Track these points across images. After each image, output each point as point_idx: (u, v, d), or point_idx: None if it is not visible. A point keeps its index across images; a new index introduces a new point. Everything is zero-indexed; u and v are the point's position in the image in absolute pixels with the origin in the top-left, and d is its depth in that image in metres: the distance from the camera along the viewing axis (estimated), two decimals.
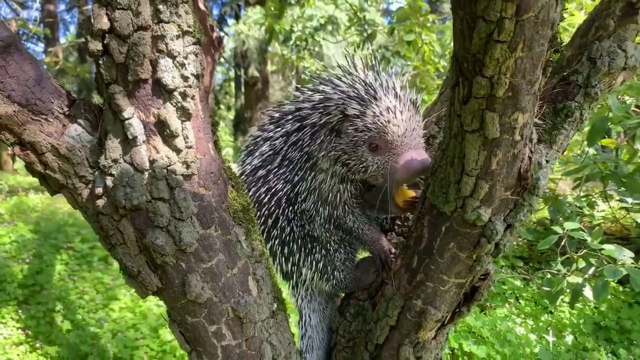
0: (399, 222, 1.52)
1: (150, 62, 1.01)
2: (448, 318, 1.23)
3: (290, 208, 1.40)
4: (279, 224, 1.41)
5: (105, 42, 1.00)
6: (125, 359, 3.36)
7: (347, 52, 1.41)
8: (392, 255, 1.37)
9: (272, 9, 5.17)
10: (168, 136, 1.04)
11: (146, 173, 1.04)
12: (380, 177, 1.30)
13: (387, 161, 1.25)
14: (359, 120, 1.25)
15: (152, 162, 1.04)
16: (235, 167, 1.49)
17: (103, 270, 4.68)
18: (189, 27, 1.04)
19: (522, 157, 0.99)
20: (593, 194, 4.41)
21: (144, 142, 1.04)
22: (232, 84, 22.07)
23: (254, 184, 1.42)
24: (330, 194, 1.36)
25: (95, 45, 1.01)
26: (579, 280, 2.84)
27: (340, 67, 1.38)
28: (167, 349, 3.47)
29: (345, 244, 1.45)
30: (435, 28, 5.34)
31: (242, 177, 1.45)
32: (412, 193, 1.35)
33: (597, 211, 3.73)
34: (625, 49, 1.04)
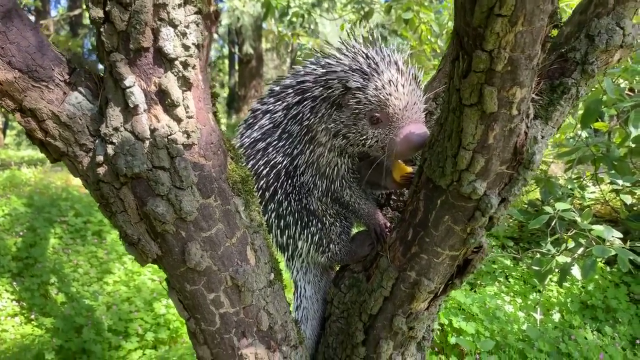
0: (394, 197, 1.54)
1: (152, 31, 1.01)
2: (441, 290, 1.26)
3: (289, 181, 1.41)
4: (277, 197, 1.42)
5: (106, 9, 1.00)
6: (120, 331, 3.40)
7: (345, 29, 1.41)
8: (387, 229, 1.40)
9: None
10: (169, 105, 1.05)
11: (147, 142, 1.05)
12: (379, 151, 1.32)
13: (387, 134, 1.27)
14: (360, 93, 1.26)
15: (152, 130, 1.05)
16: (233, 141, 1.50)
17: (97, 245, 4.70)
18: None
19: (518, 132, 1.01)
20: (584, 176, 4.47)
21: (145, 110, 1.05)
22: (226, 61, 21.84)
23: (252, 156, 1.43)
24: (328, 168, 1.38)
25: (97, 12, 1.01)
26: (568, 259, 2.89)
27: (342, 42, 1.38)
28: (161, 322, 3.52)
29: (341, 218, 1.47)
30: (433, 7, 5.31)
31: (241, 149, 1.46)
32: (409, 168, 1.37)
33: (588, 193, 3.77)
34: (623, 27, 1.06)
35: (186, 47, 1.05)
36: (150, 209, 1.06)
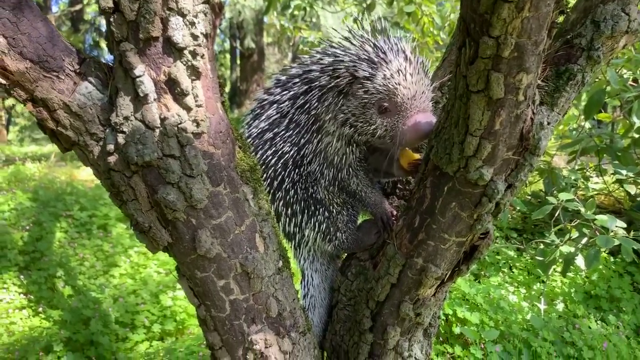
0: (401, 186, 1.55)
1: (161, 20, 1.02)
2: (448, 276, 1.27)
3: (296, 170, 1.43)
4: (284, 186, 1.44)
5: None
6: (126, 323, 3.43)
7: (348, 20, 1.42)
8: (393, 218, 1.41)
9: None
10: (178, 94, 1.06)
11: (157, 130, 1.06)
12: (387, 140, 1.33)
13: (396, 123, 1.28)
14: (369, 82, 1.27)
15: (162, 119, 1.06)
16: (241, 131, 1.51)
17: (102, 238, 4.73)
18: None
19: (524, 118, 1.02)
20: (588, 167, 4.47)
21: (154, 100, 1.06)
22: (228, 55, 21.81)
23: (260, 146, 1.45)
24: (336, 157, 1.39)
25: (107, 2, 1.02)
26: (572, 249, 2.90)
27: (349, 30, 1.39)
28: (168, 314, 3.55)
29: (348, 206, 1.49)
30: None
31: (249, 140, 1.47)
32: (416, 155, 1.38)
33: (592, 184, 3.78)
34: (628, 13, 1.06)
35: (195, 37, 1.06)
36: (161, 197, 1.08)
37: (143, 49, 1.04)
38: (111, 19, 1.03)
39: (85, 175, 7.23)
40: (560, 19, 1.07)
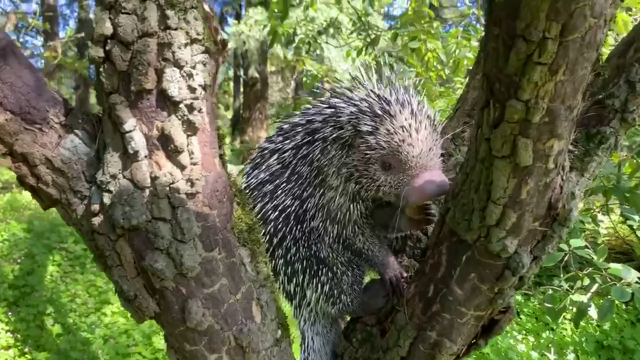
0: (411, 244, 1.44)
1: (155, 72, 0.94)
2: (464, 351, 1.15)
3: (298, 226, 1.32)
4: (285, 243, 1.33)
5: (107, 48, 0.93)
6: None
7: (351, 55, 1.34)
8: (402, 279, 1.30)
9: (276, 10, 5.09)
10: (172, 151, 0.97)
11: (147, 190, 0.97)
12: (393, 197, 1.23)
13: (401, 182, 1.18)
14: (371, 137, 1.17)
15: (153, 178, 0.96)
16: (240, 180, 1.41)
17: (96, 273, 4.58)
18: (197, 34, 0.97)
19: (553, 187, 0.92)
20: (594, 207, 4.36)
21: (145, 157, 0.97)
22: (232, 83, 21.98)
23: (260, 199, 1.34)
24: (340, 213, 1.29)
25: (97, 52, 0.94)
26: (583, 298, 2.78)
27: (353, 78, 1.31)
28: (160, 357, 3.39)
29: (354, 266, 1.37)
30: (439, 35, 5.27)
31: (248, 191, 1.37)
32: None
33: (602, 228, 3.66)
34: None
35: (192, 89, 0.97)
36: (149, 264, 0.97)
37: (135, 102, 0.95)
38: (101, 69, 0.95)
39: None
40: (598, 80, 0.99)
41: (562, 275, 3.03)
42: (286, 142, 1.34)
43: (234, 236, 1.09)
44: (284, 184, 1.33)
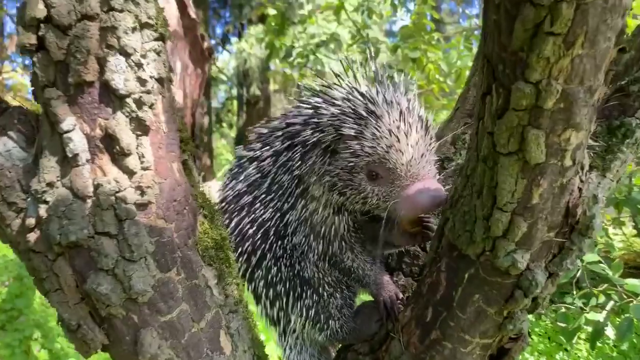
0: (407, 260, 1.28)
1: (98, 61, 0.80)
2: None
3: (279, 242, 1.17)
4: (265, 263, 1.17)
5: (40, 33, 0.79)
6: None
7: (349, 66, 1.19)
8: (398, 302, 1.14)
9: (273, 24, 5.01)
10: (118, 154, 0.83)
11: (89, 201, 0.82)
12: (382, 210, 1.08)
13: (389, 194, 1.03)
14: (355, 142, 1.02)
15: (96, 186, 0.82)
16: (216, 194, 1.27)
17: None
18: (149, 18, 0.84)
19: (571, 189, 0.77)
20: (605, 220, 4.20)
21: (87, 161, 0.82)
22: (235, 102, 22.02)
23: (236, 213, 1.19)
24: (324, 227, 1.13)
25: (28, 38, 0.80)
26: (599, 316, 2.61)
27: (337, 76, 1.17)
28: None
29: (342, 287, 1.21)
30: (441, 46, 5.17)
31: (223, 204, 1.22)
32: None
33: (615, 241, 3.49)
34: None
35: (142, 81, 0.83)
36: (92, 288, 0.82)
37: (74, 97, 0.81)
38: (35, 59, 0.81)
39: None
40: (622, 56, 0.84)
41: (574, 292, 2.86)
42: (265, 148, 1.19)
43: (197, 254, 0.93)
44: (263, 195, 1.18)
